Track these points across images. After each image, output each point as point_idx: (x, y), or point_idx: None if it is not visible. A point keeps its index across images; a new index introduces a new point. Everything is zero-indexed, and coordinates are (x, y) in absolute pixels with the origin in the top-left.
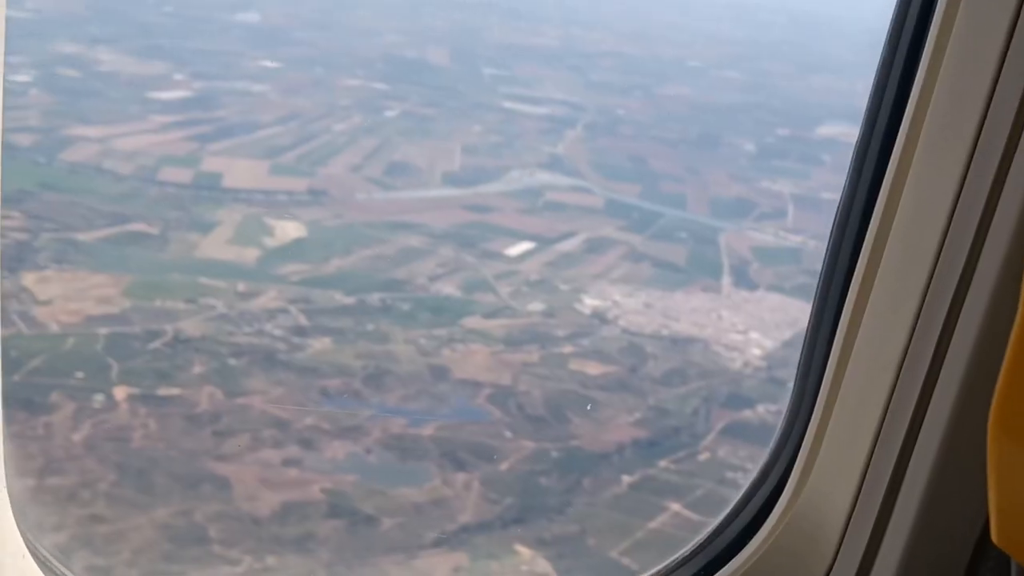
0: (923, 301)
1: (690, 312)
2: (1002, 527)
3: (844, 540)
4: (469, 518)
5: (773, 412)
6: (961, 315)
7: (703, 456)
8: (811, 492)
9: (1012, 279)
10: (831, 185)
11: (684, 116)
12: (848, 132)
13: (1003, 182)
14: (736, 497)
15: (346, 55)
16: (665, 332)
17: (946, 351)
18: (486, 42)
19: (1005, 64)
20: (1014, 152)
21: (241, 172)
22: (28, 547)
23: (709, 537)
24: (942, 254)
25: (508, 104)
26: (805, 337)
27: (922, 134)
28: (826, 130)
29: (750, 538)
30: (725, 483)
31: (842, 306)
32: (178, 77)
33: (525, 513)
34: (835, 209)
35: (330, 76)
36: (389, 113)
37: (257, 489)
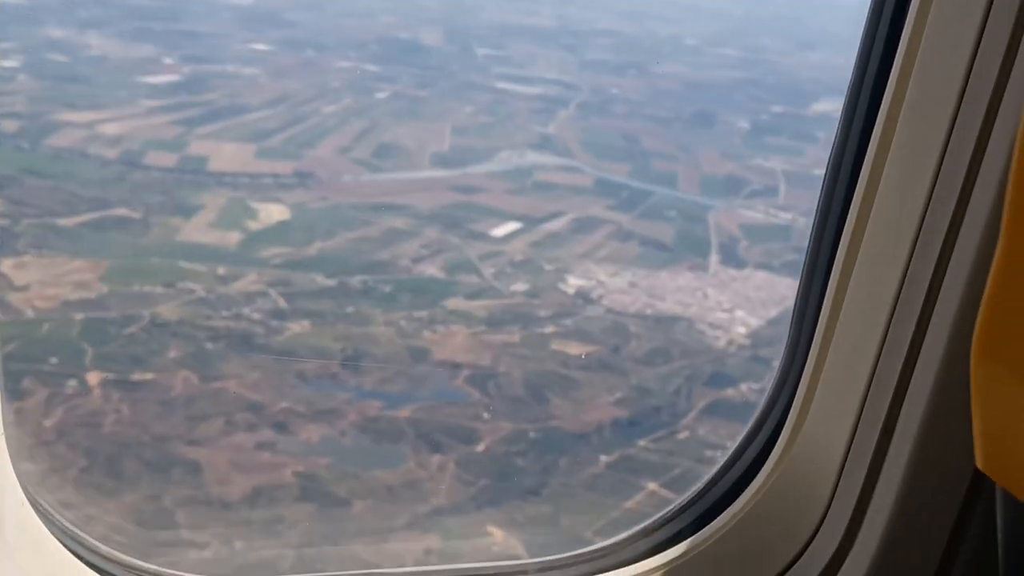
0: (915, 244)
1: (675, 291)
2: (986, 451)
3: (839, 483)
4: (443, 500)
5: (756, 390)
6: (952, 258)
7: (683, 435)
8: (807, 437)
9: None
10: (824, 161)
11: (679, 94)
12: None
13: (987, 139)
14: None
15: (339, 37)
16: (649, 311)
17: (938, 293)
18: (481, 22)
19: (983, 36)
20: (996, 114)
21: (227, 155)
22: (28, 497)
23: (707, 485)
24: (934, 191)
25: (501, 84)
26: (799, 282)
27: (909, 87)
28: (821, 106)
29: (747, 485)
30: (704, 461)
31: (836, 251)
32: (168, 61)
33: (500, 494)
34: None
35: (321, 58)
36: (380, 95)
37: (228, 473)
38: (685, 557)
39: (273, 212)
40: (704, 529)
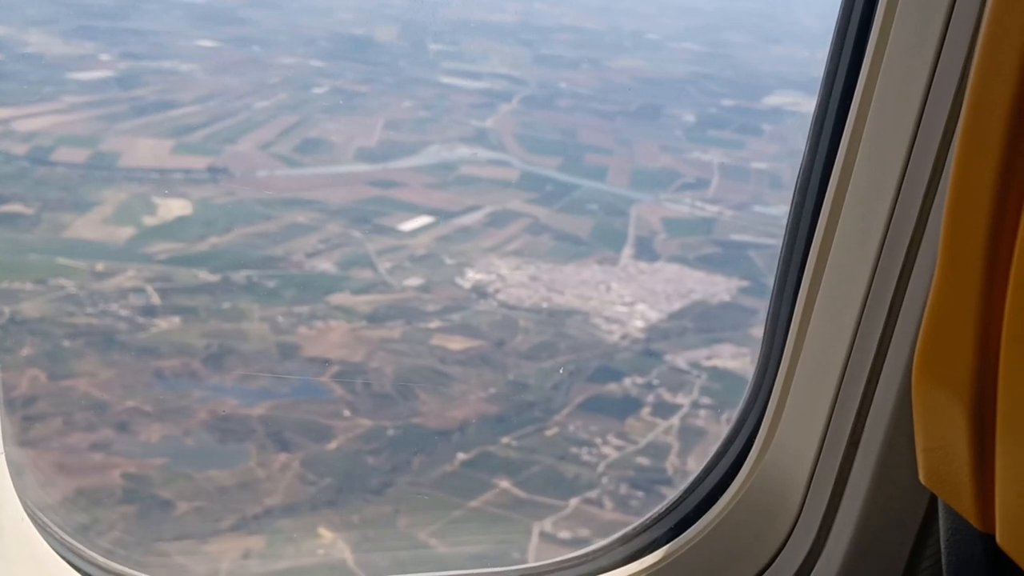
0: (876, 264)
1: (578, 285)
2: (927, 466)
3: (809, 492)
4: (278, 500)
5: (640, 385)
6: (911, 277)
7: (550, 432)
8: (778, 448)
9: None
10: (765, 155)
11: (629, 88)
12: (795, 102)
13: (949, 142)
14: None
15: (289, 34)
16: (545, 305)
17: (899, 311)
18: (440, 19)
19: (947, 37)
20: (959, 112)
21: (142, 151)
22: (27, 511)
23: (683, 494)
24: (894, 215)
25: (446, 79)
26: (770, 300)
27: (876, 87)
28: (773, 99)
29: (722, 494)
30: (567, 459)
31: (804, 269)
32: (104, 57)
33: (340, 494)
34: (764, 177)
35: (266, 55)
36: (317, 90)
37: (52, 476)
38: (662, 564)
39: (174, 208)
40: (680, 537)
